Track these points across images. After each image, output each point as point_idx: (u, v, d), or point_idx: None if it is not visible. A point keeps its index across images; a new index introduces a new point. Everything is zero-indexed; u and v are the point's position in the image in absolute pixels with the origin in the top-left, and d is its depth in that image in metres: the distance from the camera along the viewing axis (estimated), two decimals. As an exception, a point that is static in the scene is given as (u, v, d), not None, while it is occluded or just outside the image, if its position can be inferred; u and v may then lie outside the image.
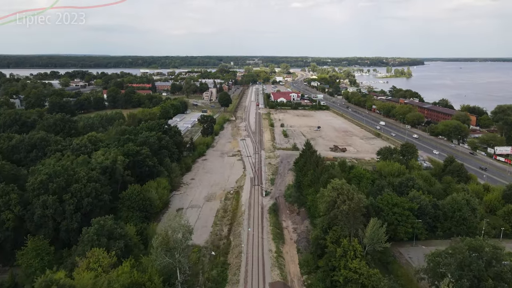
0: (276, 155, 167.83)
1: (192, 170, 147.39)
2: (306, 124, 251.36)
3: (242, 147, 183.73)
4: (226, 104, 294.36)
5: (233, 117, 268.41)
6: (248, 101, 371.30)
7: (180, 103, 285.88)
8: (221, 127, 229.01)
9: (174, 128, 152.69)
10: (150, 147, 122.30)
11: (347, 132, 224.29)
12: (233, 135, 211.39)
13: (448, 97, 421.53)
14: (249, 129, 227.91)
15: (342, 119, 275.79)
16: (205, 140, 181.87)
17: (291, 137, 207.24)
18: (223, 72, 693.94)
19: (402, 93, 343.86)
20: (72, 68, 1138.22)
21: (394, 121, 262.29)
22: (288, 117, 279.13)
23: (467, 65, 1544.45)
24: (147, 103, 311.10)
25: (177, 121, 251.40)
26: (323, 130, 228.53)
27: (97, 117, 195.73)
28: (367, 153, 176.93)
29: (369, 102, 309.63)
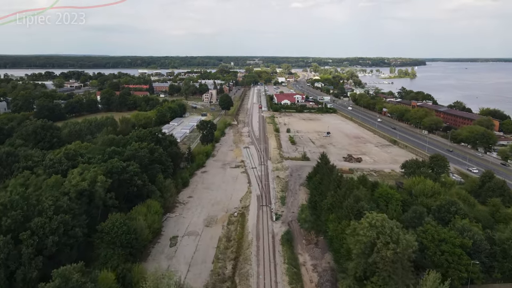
0: (285, 167, 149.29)
1: (190, 185, 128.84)
2: (313, 129, 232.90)
3: (246, 156, 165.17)
4: (227, 107, 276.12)
5: (235, 121, 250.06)
6: (250, 103, 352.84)
7: (178, 106, 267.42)
8: (222, 133, 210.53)
9: (169, 137, 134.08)
10: (139, 162, 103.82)
11: (359, 139, 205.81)
12: (235, 142, 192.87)
13: (459, 98, 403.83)
14: (253, 135, 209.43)
15: (352, 123, 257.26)
16: (205, 149, 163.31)
17: (299, 145, 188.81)
18: (223, 73, 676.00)
19: (413, 95, 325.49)
20: (71, 68, 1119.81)
21: (408, 125, 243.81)
22: (293, 121, 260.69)
23: (470, 66, 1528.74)
24: (143, 105, 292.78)
25: (174, 125, 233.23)
26: (333, 136, 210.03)
27: (85, 123, 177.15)
28: (385, 163, 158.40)
29: (379, 105, 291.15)
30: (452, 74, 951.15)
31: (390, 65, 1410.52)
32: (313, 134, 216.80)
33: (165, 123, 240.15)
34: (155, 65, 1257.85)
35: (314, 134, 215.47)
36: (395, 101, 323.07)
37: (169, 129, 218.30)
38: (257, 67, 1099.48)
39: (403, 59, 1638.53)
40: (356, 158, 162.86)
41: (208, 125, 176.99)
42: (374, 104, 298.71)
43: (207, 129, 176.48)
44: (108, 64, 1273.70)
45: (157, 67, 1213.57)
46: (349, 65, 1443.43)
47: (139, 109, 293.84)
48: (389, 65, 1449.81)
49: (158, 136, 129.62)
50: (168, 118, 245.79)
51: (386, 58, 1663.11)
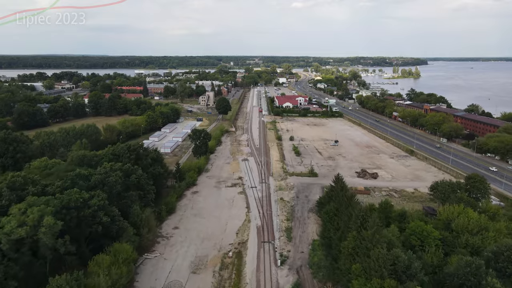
0: (289, 185, 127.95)
1: (177, 211, 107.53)
2: (319, 136, 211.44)
3: (244, 171, 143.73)
4: (224, 111, 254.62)
5: (233, 127, 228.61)
6: (249, 106, 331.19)
7: (171, 110, 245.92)
8: (218, 142, 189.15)
9: (153, 153, 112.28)
10: (110, 190, 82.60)
11: (371, 148, 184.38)
12: (232, 153, 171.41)
13: (469, 100, 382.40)
14: (252, 144, 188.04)
15: (361, 129, 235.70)
16: (197, 163, 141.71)
17: (304, 156, 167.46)
18: (222, 73, 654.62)
19: (424, 97, 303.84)
20: (67, 68, 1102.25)
21: (422, 132, 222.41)
22: (297, 126, 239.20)
23: (473, 65, 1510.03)
24: (134, 109, 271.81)
25: (166, 133, 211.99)
26: (341, 145, 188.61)
27: (61, 133, 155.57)
28: (405, 179, 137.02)
29: (389, 108, 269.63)
30: (457, 74, 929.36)
31: (392, 65, 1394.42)
32: (319, 142, 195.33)
33: (156, 129, 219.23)
34: (153, 65, 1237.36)
35: (320, 143, 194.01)
36: (404, 103, 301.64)
37: (160, 137, 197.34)
38: (257, 66, 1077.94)
39: (405, 58, 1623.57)
40: (371, 173, 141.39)
41: (202, 134, 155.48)
42: (383, 108, 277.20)
43: (200, 140, 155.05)
44: (106, 64, 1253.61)
45: (155, 67, 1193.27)
46: (350, 65, 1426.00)
47: (130, 113, 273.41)
48: (391, 64, 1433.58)
49: (139, 152, 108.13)
50: (159, 124, 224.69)
51: (388, 58, 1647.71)
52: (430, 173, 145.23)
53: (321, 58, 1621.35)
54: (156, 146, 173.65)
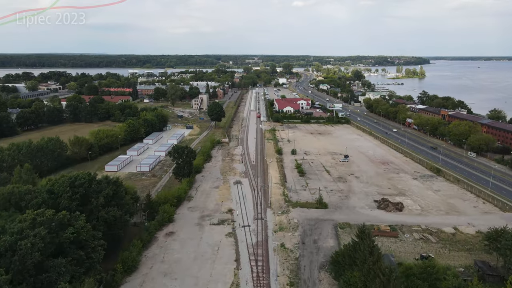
0: (292, 223, 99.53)
1: (141, 267, 78.95)
2: (325, 148, 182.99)
3: (236, 200, 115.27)
4: (217, 117, 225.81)
5: (226, 137, 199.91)
6: (246, 111, 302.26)
7: (156, 117, 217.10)
8: (208, 157, 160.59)
9: (109, 188, 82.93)
10: (22, 262, 54.13)
11: (388, 165, 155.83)
12: (223, 173, 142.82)
13: (484, 102, 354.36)
14: (248, 160, 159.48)
15: (372, 139, 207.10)
16: (177, 191, 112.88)
17: (309, 176, 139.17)
18: (219, 73, 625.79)
19: (439, 101, 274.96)
20: (62, 67, 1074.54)
21: (443, 142, 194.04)
22: (299, 136, 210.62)
23: (475, 64, 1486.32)
24: (117, 114, 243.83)
25: (149, 144, 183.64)
26: (353, 161, 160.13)
27: (10, 150, 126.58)
28: (438, 212, 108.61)
29: (402, 114, 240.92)
30: (462, 74, 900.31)
31: (394, 64, 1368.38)
32: (326, 157, 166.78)
33: (138, 140, 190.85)
34: (150, 64, 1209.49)
35: (327, 158, 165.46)
36: (417, 108, 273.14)
37: (140, 151, 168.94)
38: (257, 66, 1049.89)
39: (406, 57, 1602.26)
40: (395, 203, 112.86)
41: (184, 151, 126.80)
42: (395, 113, 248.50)
43: (183, 158, 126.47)
44: (102, 63, 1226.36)
45: (152, 66, 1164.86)
46: (351, 64, 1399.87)
47: (113, 119, 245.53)
48: (393, 63, 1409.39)
49: (90, 188, 79.36)
50: (142, 134, 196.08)
51: (389, 57, 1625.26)
52: (467, 201, 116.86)
53: (322, 57, 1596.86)
54: (133, 161, 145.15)
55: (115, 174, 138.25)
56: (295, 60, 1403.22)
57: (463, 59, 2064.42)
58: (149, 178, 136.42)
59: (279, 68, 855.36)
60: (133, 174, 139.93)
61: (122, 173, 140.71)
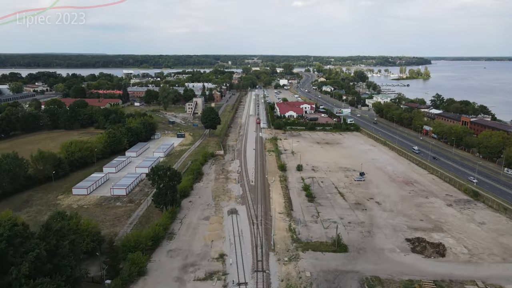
0: (304, 277, 74.66)
1: None
2: (335, 162, 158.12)
3: (230, 240, 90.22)
4: (212, 125, 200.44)
5: (221, 149, 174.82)
6: (245, 116, 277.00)
7: (143, 125, 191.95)
8: (198, 175, 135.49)
9: (44, 245, 57.48)
10: None
11: (413, 186, 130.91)
12: (216, 197, 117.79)
13: (501, 105, 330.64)
14: (246, 179, 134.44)
15: (387, 150, 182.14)
16: (152, 231, 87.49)
17: (320, 201, 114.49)
18: (217, 74, 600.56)
19: (456, 105, 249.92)
20: (57, 68, 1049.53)
21: (470, 155, 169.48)
22: (304, 146, 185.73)
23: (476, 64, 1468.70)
24: (101, 121, 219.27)
25: (131, 158, 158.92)
26: (370, 180, 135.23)
27: None
28: (493, 258, 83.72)
29: (418, 121, 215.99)
30: (467, 74, 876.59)
31: (395, 64, 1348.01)
32: (337, 174, 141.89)
33: (119, 152, 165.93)
34: (147, 65, 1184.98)
35: (339, 175, 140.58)
36: (433, 113, 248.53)
37: (119, 167, 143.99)
38: (256, 66, 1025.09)
39: (408, 57, 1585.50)
40: (434, 244, 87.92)
41: (167, 174, 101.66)
42: (410, 119, 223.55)
43: (165, 183, 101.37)
44: (98, 63, 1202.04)
45: (149, 66, 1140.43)
46: (352, 64, 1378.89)
47: (96, 125, 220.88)
48: (394, 64, 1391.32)
49: (10, 247, 54.29)
50: (125, 145, 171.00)
51: (390, 57, 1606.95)
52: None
53: (322, 57, 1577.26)
54: (110, 180, 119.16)
55: (84, 200, 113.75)
56: (295, 60, 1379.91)
57: (463, 59, 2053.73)
58: (125, 204, 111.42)
59: (279, 69, 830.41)
60: (105, 199, 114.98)
61: (93, 198, 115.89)
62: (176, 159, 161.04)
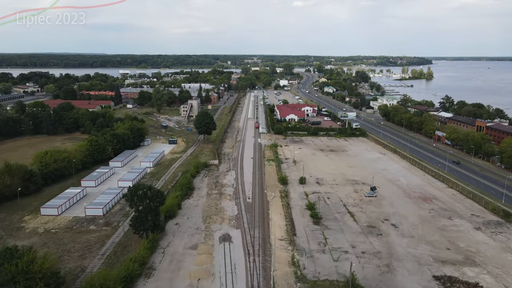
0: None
1: None
2: (342, 173, 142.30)
3: (221, 280, 74.33)
4: (206, 130, 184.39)
5: (216, 157, 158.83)
6: (243, 119, 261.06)
7: (130, 131, 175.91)
8: (188, 191, 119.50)
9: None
10: None
11: (432, 203, 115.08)
12: (206, 218, 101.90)
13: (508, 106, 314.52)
14: (242, 195, 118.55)
15: (398, 158, 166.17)
16: (124, 269, 71.41)
17: (327, 222, 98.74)
18: (216, 74, 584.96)
19: (469, 108, 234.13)
20: (54, 67, 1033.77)
21: (489, 164, 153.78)
22: (307, 154, 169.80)
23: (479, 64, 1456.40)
24: (87, 125, 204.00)
25: (116, 168, 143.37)
26: (383, 196, 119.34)
27: None
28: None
29: (429, 126, 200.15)
30: (470, 74, 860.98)
31: (396, 64, 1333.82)
32: (345, 188, 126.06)
33: (103, 162, 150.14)
34: (145, 64, 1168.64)
35: (347, 189, 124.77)
36: (443, 116, 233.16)
37: (100, 180, 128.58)
38: (256, 66, 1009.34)
39: (409, 57, 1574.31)
40: (470, 285, 72.15)
41: (147, 195, 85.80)
42: (420, 124, 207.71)
43: (145, 205, 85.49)
44: (96, 63, 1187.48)
45: (147, 66, 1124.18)
46: (353, 64, 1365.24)
47: (83, 130, 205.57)
48: (395, 64, 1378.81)
49: None
50: (110, 153, 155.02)
51: (391, 57, 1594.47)
52: None
53: (322, 57, 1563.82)
54: (87, 196, 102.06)
55: (53, 222, 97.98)
56: (295, 60, 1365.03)
57: (464, 59, 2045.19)
58: (100, 228, 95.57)
59: (279, 69, 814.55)
60: (78, 221, 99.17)
61: (64, 219, 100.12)
62: (165, 170, 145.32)
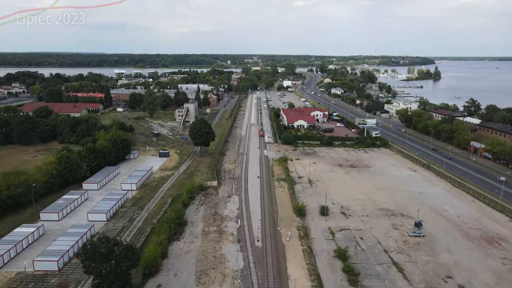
0: None
1: None
2: (371, 198, 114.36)
3: None
4: (204, 141, 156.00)
5: (215, 178, 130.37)
6: (245, 126, 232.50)
7: (112, 143, 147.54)
8: (177, 228, 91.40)
9: None
10: None
11: (499, 245, 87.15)
12: (200, 275, 73.78)
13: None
14: (248, 237, 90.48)
15: (434, 177, 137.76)
16: None
17: (367, 282, 70.82)
18: (215, 74, 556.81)
19: (502, 114, 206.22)
20: (49, 67, 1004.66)
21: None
22: (324, 170, 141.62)
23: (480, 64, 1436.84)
24: (66, 133, 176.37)
25: (90, 191, 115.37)
26: (431, 234, 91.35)
27: None
28: None
29: (463, 135, 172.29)
30: (477, 74, 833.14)
31: (399, 64, 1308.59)
32: (380, 222, 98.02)
33: (76, 182, 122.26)
34: (143, 64, 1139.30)
35: (383, 224, 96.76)
36: (472, 123, 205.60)
37: (66, 210, 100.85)
38: (256, 66, 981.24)
39: (411, 57, 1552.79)
40: None
41: (114, 252, 58.03)
42: (451, 132, 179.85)
43: (110, 268, 57.64)
44: (93, 62, 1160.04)
45: (145, 66, 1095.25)
46: (355, 64, 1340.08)
47: (61, 139, 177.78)
48: (398, 64, 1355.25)
49: None
50: (84, 171, 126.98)
51: (393, 57, 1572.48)
52: None
53: (323, 57, 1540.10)
54: (45, 236, 73.79)
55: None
56: (296, 60, 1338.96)
57: (465, 59, 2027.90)
58: None
59: (280, 68, 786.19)
60: (23, 280, 71.26)
61: (5, 276, 72.26)
62: (152, 193, 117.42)
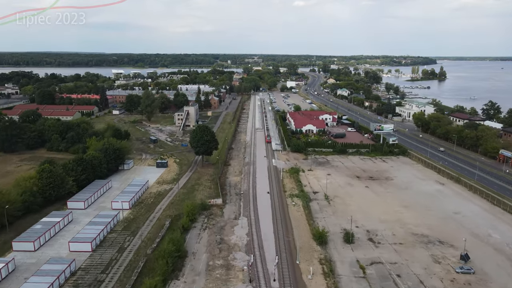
0: None
1: None
2: (399, 219, 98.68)
3: None
4: (206, 150, 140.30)
5: (219, 195, 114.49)
6: (250, 131, 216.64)
7: (104, 152, 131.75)
8: (176, 260, 75.74)
9: None
10: None
11: None
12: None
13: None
14: (262, 274, 74.81)
15: (466, 192, 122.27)
16: None
17: None
18: (216, 74, 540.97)
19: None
20: (47, 66, 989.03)
21: None
22: (340, 184, 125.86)
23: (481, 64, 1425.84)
24: (55, 140, 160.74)
25: (76, 212, 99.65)
26: (482, 270, 75.79)
27: None
28: None
29: (491, 143, 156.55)
30: (483, 74, 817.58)
31: (401, 64, 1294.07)
32: (417, 253, 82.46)
33: (61, 200, 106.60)
34: (142, 63, 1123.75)
35: (421, 256, 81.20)
36: (494, 128, 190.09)
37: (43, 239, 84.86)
38: (257, 65, 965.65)
39: (413, 57, 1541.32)
40: None
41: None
42: (476, 139, 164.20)
43: None
44: (91, 62, 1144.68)
45: (145, 65, 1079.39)
46: (356, 64, 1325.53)
47: (49, 146, 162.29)
48: (399, 64, 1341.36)
49: None
50: (70, 187, 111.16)
51: (395, 57, 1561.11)
52: None
53: (324, 57, 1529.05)
54: (16, 272, 59.00)
55: None
56: (297, 60, 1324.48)
57: (466, 59, 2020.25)
58: None
59: (282, 68, 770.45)
60: None
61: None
62: (147, 214, 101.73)
